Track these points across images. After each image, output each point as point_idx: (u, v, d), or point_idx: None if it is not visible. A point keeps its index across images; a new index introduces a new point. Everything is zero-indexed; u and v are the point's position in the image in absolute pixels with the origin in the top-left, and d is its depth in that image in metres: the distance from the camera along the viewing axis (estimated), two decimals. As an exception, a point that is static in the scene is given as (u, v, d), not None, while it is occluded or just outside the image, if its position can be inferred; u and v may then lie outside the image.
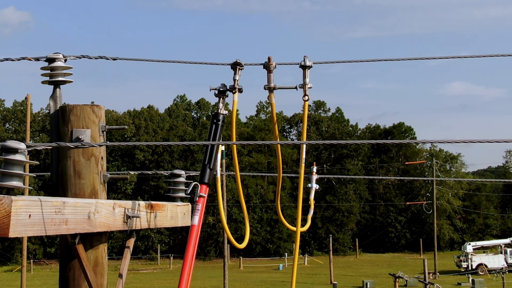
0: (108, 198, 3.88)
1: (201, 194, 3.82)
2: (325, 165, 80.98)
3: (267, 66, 4.10)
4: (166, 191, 4.56)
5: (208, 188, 3.87)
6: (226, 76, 4.09)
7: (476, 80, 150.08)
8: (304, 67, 4.10)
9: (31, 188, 3.29)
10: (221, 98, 4.03)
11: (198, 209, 3.80)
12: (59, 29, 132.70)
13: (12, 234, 2.81)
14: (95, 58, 3.94)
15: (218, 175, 4.02)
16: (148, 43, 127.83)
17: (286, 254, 70.70)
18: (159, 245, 71.06)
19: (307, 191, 5.62)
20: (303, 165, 4.28)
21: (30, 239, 63.57)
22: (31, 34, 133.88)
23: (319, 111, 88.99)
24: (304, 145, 4.37)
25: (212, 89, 4.00)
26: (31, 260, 61.75)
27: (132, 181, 71.09)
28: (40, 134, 71.73)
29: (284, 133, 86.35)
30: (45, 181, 64.45)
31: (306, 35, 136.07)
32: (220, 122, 3.97)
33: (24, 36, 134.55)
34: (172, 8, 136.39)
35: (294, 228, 4.34)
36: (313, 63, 4.09)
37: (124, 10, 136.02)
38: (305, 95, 4.09)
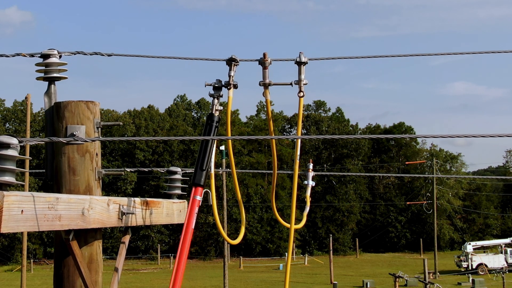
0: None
1: (196, 196, 3.78)
2: (325, 165, 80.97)
3: (262, 62, 4.08)
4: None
5: (202, 190, 3.83)
6: (227, 75, 4.07)
7: (477, 80, 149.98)
8: (299, 63, 4.08)
9: (22, 183, 3.25)
10: (216, 98, 3.99)
11: (186, 210, 3.78)
12: (61, 29, 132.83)
13: (4, 229, 2.80)
14: (90, 54, 3.91)
15: (212, 171, 4.00)
16: (151, 43, 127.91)
17: (286, 254, 70.58)
18: (159, 245, 71.10)
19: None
20: (297, 161, 4.27)
21: (30, 239, 63.62)
22: (33, 34, 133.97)
23: (320, 111, 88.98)
24: (299, 140, 4.36)
25: (207, 85, 3.97)
26: (31, 260, 61.76)
27: (132, 181, 71.13)
28: (41, 134, 71.72)
29: (284, 133, 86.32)
30: (45, 181, 64.42)
31: (309, 35, 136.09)
32: (214, 123, 3.92)
33: (26, 35, 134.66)
34: (175, 8, 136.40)
35: (288, 225, 4.33)
36: (309, 59, 4.08)
37: (127, 10, 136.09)
38: (300, 91, 4.07)
